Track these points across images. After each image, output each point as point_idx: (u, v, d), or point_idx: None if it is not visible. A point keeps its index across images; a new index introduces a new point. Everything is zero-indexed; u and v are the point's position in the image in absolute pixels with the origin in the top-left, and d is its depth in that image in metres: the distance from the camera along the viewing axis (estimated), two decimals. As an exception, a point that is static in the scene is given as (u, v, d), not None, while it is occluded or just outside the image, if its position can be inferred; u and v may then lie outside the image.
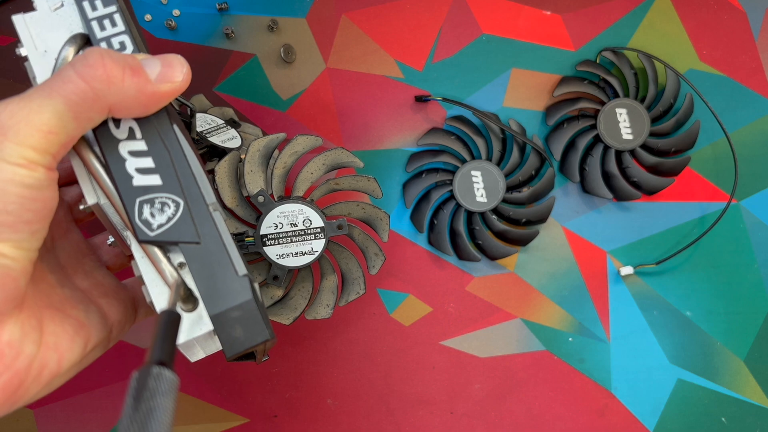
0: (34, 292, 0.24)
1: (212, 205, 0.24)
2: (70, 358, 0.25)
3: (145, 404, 0.17)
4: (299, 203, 0.36)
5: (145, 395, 0.17)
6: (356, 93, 0.44)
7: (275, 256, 0.36)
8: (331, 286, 0.38)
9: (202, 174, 0.24)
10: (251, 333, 0.23)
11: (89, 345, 0.26)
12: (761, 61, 0.45)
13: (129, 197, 0.23)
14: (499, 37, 0.45)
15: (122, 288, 0.30)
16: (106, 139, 0.24)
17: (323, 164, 0.37)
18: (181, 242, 0.23)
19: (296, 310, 0.37)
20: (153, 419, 0.17)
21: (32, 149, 0.20)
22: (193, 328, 0.24)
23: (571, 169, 0.44)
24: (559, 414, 0.43)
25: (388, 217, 0.38)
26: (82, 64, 0.21)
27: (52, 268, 0.27)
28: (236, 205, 0.36)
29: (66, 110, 0.21)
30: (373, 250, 0.38)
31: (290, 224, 0.36)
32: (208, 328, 0.23)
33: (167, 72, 0.23)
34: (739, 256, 0.44)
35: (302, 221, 0.36)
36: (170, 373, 0.18)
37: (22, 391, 0.23)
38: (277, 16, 0.44)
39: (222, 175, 0.35)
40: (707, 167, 0.45)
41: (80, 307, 0.26)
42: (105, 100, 0.22)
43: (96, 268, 0.29)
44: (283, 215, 0.36)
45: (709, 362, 0.43)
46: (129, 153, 0.24)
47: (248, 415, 0.42)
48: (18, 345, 0.22)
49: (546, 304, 0.43)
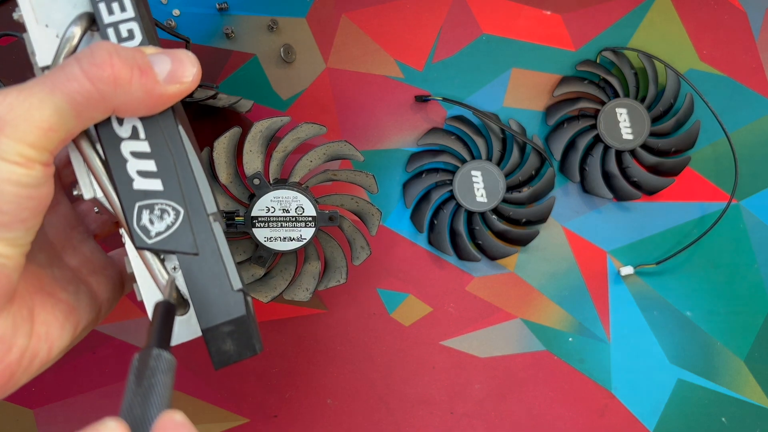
0: (25, 277, 0.24)
1: (212, 216, 0.24)
2: (60, 345, 0.24)
3: (147, 381, 0.18)
4: (294, 190, 0.36)
5: (147, 373, 0.19)
6: (356, 93, 0.44)
7: (263, 238, 0.36)
8: (314, 271, 0.38)
9: (204, 181, 0.24)
10: (241, 348, 0.23)
11: (79, 328, 0.25)
12: (761, 61, 0.45)
13: (128, 201, 0.23)
14: (499, 37, 0.45)
15: (110, 263, 0.29)
16: (108, 137, 0.23)
17: (324, 154, 0.37)
18: (178, 252, 0.23)
19: (275, 290, 0.37)
20: (154, 393, 0.18)
21: (30, 146, 0.20)
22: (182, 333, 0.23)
23: (571, 169, 0.44)
24: (559, 414, 0.43)
25: (380, 214, 0.38)
26: (89, 62, 0.20)
27: (41, 246, 0.26)
28: (230, 182, 0.36)
29: (68, 108, 0.20)
30: (360, 243, 0.38)
31: (282, 210, 0.36)
32: (196, 334, 0.23)
33: (177, 70, 0.22)
34: (739, 256, 0.44)
35: (295, 208, 0.36)
36: (168, 355, 0.19)
37: (13, 383, 0.23)
38: (277, 16, 0.44)
39: (220, 150, 0.35)
40: (707, 167, 0.45)
41: (70, 288, 0.26)
42: (110, 102, 0.21)
43: (84, 240, 0.29)
44: (277, 200, 0.36)
45: (709, 362, 0.43)
46: (131, 154, 0.23)
47: (248, 415, 0.42)
48: (9, 339, 0.22)
49: (546, 304, 0.43)
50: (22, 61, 0.42)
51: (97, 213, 0.29)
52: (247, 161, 0.36)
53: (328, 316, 0.43)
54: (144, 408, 0.18)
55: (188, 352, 0.42)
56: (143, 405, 0.18)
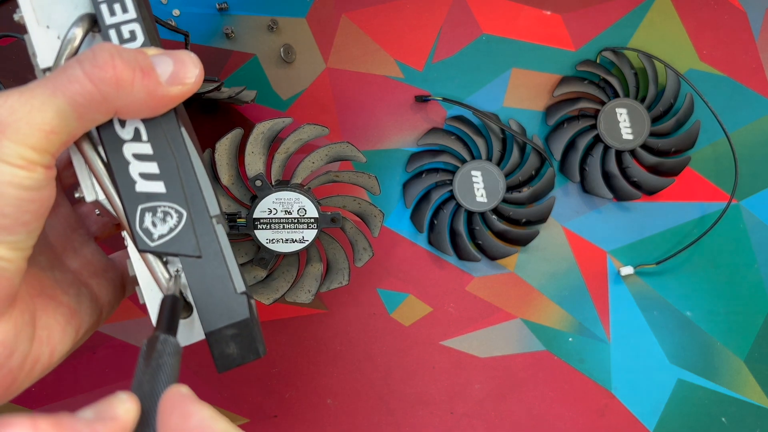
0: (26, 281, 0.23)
1: (216, 218, 0.24)
2: (62, 349, 0.24)
3: (155, 361, 0.20)
4: (296, 192, 0.36)
5: (155, 355, 0.20)
6: (356, 93, 0.44)
7: (265, 240, 0.36)
8: (315, 273, 0.38)
9: (207, 183, 0.24)
10: (245, 351, 0.23)
11: (80, 332, 0.25)
12: (761, 61, 0.45)
13: (131, 203, 0.23)
14: (499, 37, 0.45)
15: (111, 265, 0.29)
16: (110, 139, 0.23)
17: (326, 155, 0.37)
18: (181, 255, 0.23)
19: (278, 292, 0.37)
20: (161, 372, 0.19)
21: (32, 149, 0.20)
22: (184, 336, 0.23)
23: (571, 169, 0.44)
24: (559, 414, 0.43)
25: (383, 215, 0.38)
26: (91, 63, 0.20)
27: (42, 249, 0.26)
28: (232, 184, 0.36)
29: (70, 110, 0.20)
30: (362, 244, 0.38)
31: (285, 211, 0.36)
32: (199, 337, 0.23)
33: (179, 72, 0.22)
34: (739, 256, 0.44)
35: (297, 210, 0.36)
36: (175, 340, 0.20)
37: (15, 387, 0.22)
38: (277, 16, 0.44)
39: (222, 152, 0.35)
40: (707, 167, 0.45)
41: (71, 291, 0.26)
42: (112, 103, 0.21)
43: (85, 243, 0.28)
44: (279, 202, 0.36)
45: (709, 362, 0.43)
46: (133, 156, 0.23)
47: (248, 415, 0.42)
48: (11, 344, 0.22)
49: (546, 304, 0.43)
50: (23, 61, 0.42)
51: (98, 215, 0.29)
52: (248, 163, 0.36)
53: (328, 316, 0.43)
54: (152, 384, 0.19)
55: (188, 353, 0.42)
56: (152, 382, 0.19)
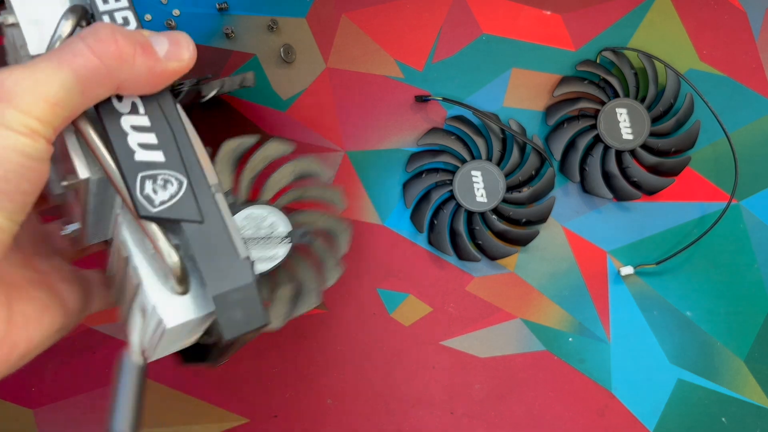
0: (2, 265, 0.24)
1: (214, 186, 0.24)
2: (38, 337, 0.24)
3: None
4: (267, 208, 0.36)
5: None
6: (356, 93, 0.44)
7: None
8: (285, 296, 0.36)
9: (204, 155, 0.24)
10: (251, 316, 0.23)
11: (54, 327, 0.25)
12: (761, 61, 0.45)
13: (130, 171, 0.23)
14: (499, 37, 0.45)
15: (80, 274, 0.29)
16: (108, 113, 0.23)
17: (291, 172, 0.37)
18: (183, 220, 0.23)
19: None
20: None
21: (36, 119, 0.20)
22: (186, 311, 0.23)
23: (571, 169, 0.44)
24: (559, 414, 0.43)
25: (351, 229, 0.37)
26: (94, 38, 0.21)
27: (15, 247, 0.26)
28: None
29: (74, 84, 0.21)
30: (331, 262, 0.37)
31: (255, 227, 0.35)
32: (203, 311, 0.23)
33: (174, 50, 0.23)
34: (739, 256, 0.44)
35: (268, 226, 0.36)
36: None
37: None
38: (277, 16, 0.44)
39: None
40: (707, 167, 0.45)
41: (43, 288, 0.26)
42: (115, 77, 0.21)
43: (52, 254, 0.29)
44: (249, 218, 0.35)
45: (709, 362, 0.43)
46: (131, 127, 0.23)
47: (248, 415, 0.42)
48: None
49: (546, 304, 0.43)
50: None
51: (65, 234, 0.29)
52: None
53: (328, 316, 0.43)
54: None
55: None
56: None
